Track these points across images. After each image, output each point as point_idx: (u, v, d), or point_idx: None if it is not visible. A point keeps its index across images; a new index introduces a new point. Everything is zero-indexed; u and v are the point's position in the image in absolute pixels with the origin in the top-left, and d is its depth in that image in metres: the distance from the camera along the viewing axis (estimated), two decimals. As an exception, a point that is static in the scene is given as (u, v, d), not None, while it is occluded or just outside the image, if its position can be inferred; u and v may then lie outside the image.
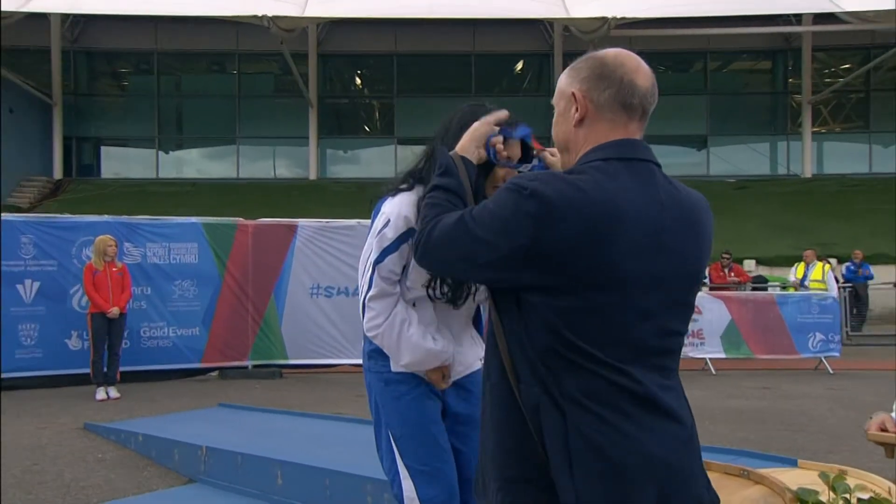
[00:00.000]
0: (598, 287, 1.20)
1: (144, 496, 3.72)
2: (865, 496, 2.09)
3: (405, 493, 1.84)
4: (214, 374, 7.63)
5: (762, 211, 16.38)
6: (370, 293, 1.82)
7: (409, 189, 1.82)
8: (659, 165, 1.30)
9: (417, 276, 1.83)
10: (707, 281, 10.39)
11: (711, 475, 1.38)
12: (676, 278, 1.27)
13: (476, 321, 2.08)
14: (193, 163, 20.73)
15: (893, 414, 1.68)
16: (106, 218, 7.35)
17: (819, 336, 8.23)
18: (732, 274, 11.41)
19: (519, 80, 21.12)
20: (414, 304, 1.88)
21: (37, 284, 6.85)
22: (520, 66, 21.03)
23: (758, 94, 21.04)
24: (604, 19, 14.63)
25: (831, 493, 2.15)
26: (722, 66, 20.97)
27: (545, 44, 19.55)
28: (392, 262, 1.81)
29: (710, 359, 8.03)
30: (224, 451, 3.85)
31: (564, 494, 1.18)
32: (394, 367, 1.90)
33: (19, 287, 6.80)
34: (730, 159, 19.56)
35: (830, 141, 20.54)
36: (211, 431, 4.46)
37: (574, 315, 1.20)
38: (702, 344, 8.00)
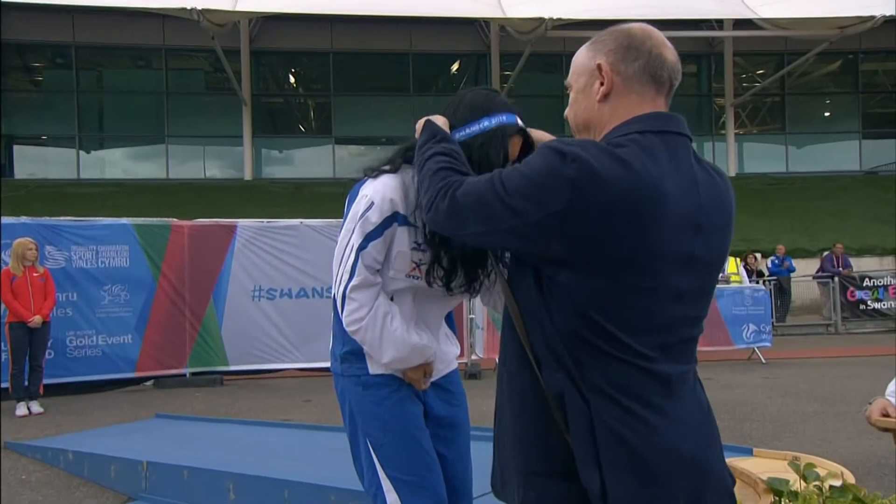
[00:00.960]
0: (632, 268, 1.13)
1: (79, 518, 3.45)
2: (836, 483, 2.13)
3: None
4: (149, 383, 7.23)
5: (692, 209, 17.04)
6: (352, 282, 1.65)
7: (395, 171, 1.66)
8: (691, 139, 1.23)
9: (402, 264, 1.67)
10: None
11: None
12: (706, 261, 1.20)
13: (447, 316, 1.97)
14: (118, 163, 19.67)
15: (891, 398, 1.70)
16: (24, 219, 6.81)
17: (752, 327, 8.58)
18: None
19: (456, 80, 21.15)
20: (392, 297, 1.72)
21: (-54, 293, 6.29)
22: (457, 65, 21.08)
23: (685, 97, 21.88)
24: (540, 20, 14.81)
25: (802, 482, 2.18)
26: (652, 68, 21.71)
27: (482, 44, 19.66)
28: (376, 248, 1.64)
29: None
30: (168, 466, 3.60)
31: (591, 489, 1.11)
32: (372, 370, 1.74)
33: (-75, 296, 6.23)
34: (661, 159, 20.28)
35: (751, 142, 21.62)
36: (151, 444, 4.18)
37: (604, 296, 1.13)
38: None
